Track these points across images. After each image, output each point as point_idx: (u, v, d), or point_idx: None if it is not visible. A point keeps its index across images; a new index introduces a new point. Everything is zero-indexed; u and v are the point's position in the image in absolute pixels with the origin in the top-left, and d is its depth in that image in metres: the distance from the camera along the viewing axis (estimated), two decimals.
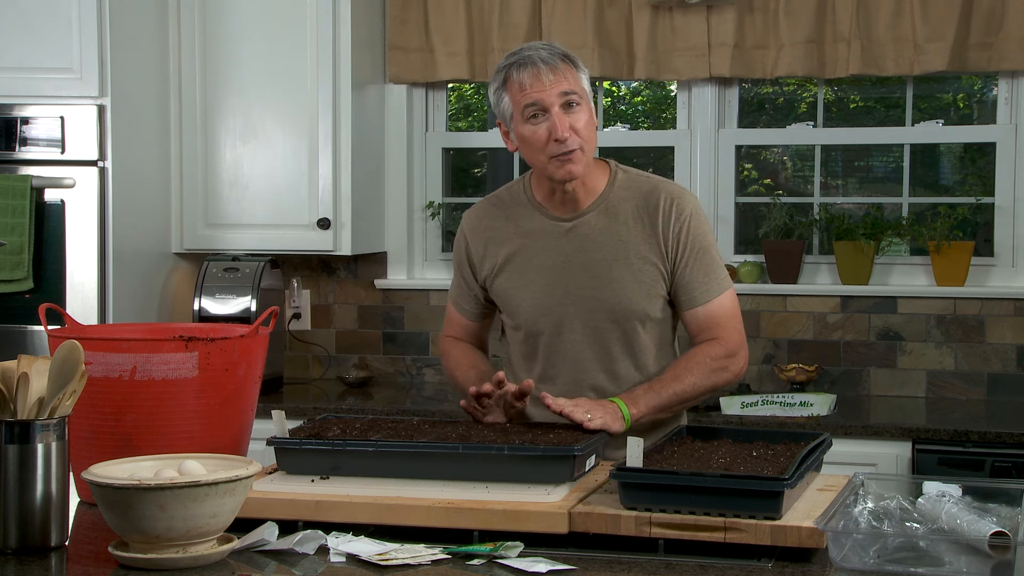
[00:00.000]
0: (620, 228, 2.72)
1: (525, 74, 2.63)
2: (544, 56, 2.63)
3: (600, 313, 2.72)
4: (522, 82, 2.63)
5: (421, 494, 2.22)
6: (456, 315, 2.94)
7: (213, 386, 2.41)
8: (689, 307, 2.73)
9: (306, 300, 4.74)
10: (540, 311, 2.75)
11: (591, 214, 2.73)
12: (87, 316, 4.00)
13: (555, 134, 2.62)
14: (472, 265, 2.85)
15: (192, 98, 4.42)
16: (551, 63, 2.62)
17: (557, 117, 2.61)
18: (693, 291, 2.72)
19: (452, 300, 2.94)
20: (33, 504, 2.10)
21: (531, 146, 2.66)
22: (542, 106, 2.62)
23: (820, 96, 4.50)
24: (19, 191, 4.01)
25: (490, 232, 2.81)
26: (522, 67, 2.63)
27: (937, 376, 4.26)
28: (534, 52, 2.64)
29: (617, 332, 2.73)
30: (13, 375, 2.10)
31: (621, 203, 2.74)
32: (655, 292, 2.72)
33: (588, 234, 2.73)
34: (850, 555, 1.99)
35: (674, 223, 2.71)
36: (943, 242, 4.20)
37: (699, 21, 4.34)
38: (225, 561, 2.03)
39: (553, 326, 2.74)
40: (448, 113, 4.78)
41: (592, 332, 2.73)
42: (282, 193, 4.41)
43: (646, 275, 2.71)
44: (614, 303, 2.71)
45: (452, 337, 2.96)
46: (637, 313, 2.72)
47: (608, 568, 2.03)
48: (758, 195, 4.65)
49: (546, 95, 2.61)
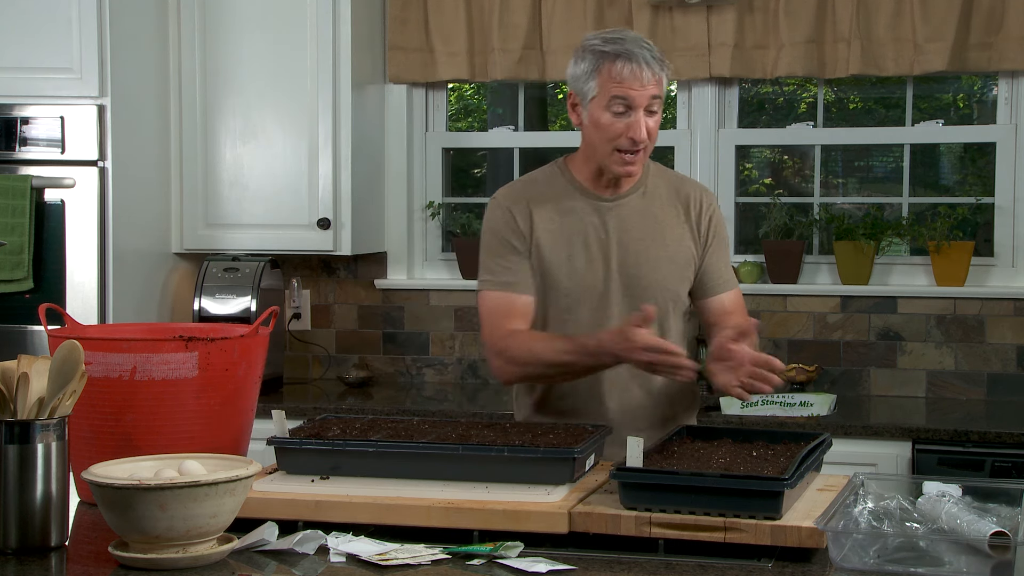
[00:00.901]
0: (657, 211, 2.81)
1: (626, 68, 2.65)
2: (647, 57, 2.66)
3: (639, 290, 2.77)
4: (621, 74, 2.65)
5: (421, 494, 2.22)
6: (514, 300, 2.75)
7: (213, 386, 2.42)
8: (712, 293, 2.84)
9: (306, 300, 4.74)
10: (578, 285, 2.77)
11: (632, 196, 2.81)
12: (87, 316, 4.00)
13: (633, 134, 2.68)
14: (520, 228, 2.77)
15: (192, 98, 4.42)
16: (652, 66, 2.67)
17: (640, 119, 2.67)
18: (721, 275, 2.84)
19: (503, 287, 2.76)
20: (33, 504, 2.10)
21: (603, 133, 2.70)
22: (630, 104, 2.66)
23: (820, 96, 4.50)
24: (19, 191, 4.01)
25: (531, 204, 2.80)
26: (625, 60, 2.66)
27: (937, 376, 4.26)
28: (638, 49, 2.66)
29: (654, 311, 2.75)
30: (13, 375, 2.10)
31: (658, 188, 2.84)
32: (686, 275, 2.82)
33: (629, 215, 2.80)
34: (850, 555, 1.99)
35: (704, 211, 2.84)
36: (943, 242, 4.20)
37: (699, 21, 4.34)
38: (225, 561, 2.03)
39: (596, 300, 2.77)
40: (448, 113, 4.78)
41: (632, 310, 2.72)
42: (282, 193, 4.41)
43: (680, 257, 2.80)
44: (652, 280, 2.77)
45: (512, 331, 2.74)
46: (671, 293, 2.80)
47: (608, 568, 2.03)
48: (758, 195, 4.65)
49: (638, 95, 2.66)
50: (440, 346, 4.65)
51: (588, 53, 2.71)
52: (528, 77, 4.50)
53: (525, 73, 4.49)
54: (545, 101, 5.03)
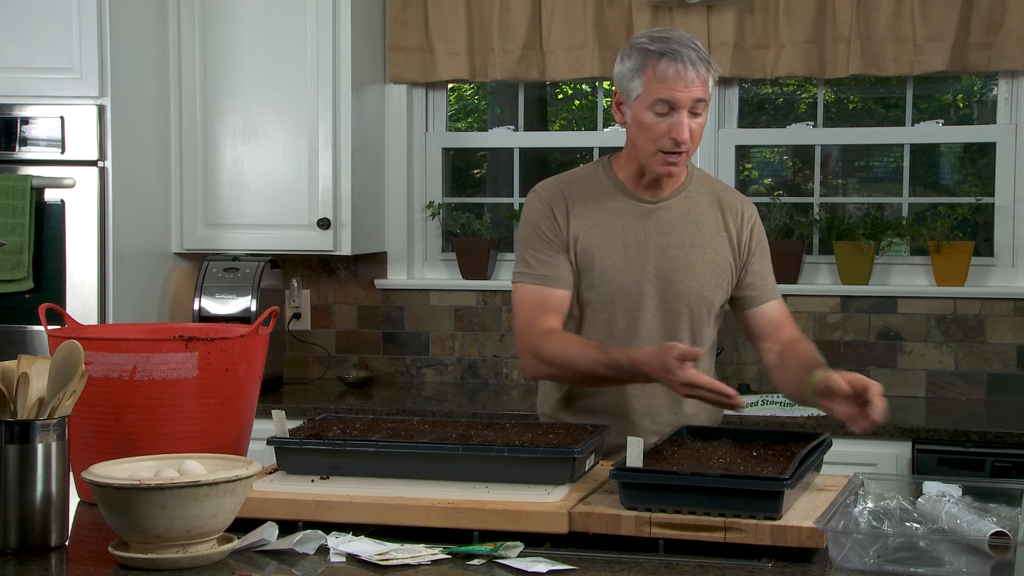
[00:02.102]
0: (698, 217, 2.79)
1: (671, 68, 2.64)
2: (693, 58, 2.65)
3: (673, 295, 2.75)
4: (665, 74, 2.64)
5: (421, 494, 2.22)
6: (549, 294, 2.73)
7: (213, 386, 2.41)
8: (764, 300, 2.82)
9: (306, 300, 4.74)
10: (615, 286, 2.75)
11: (673, 200, 2.80)
12: (87, 316, 4.00)
13: (676, 135, 2.67)
14: (558, 223, 2.76)
15: (192, 98, 4.42)
16: (697, 67, 2.65)
17: (683, 120, 2.66)
18: (767, 284, 2.83)
19: (539, 280, 2.74)
20: (33, 504, 2.10)
21: (646, 133, 2.70)
22: (674, 104, 2.66)
23: (820, 96, 4.50)
24: (19, 191, 4.01)
25: (570, 199, 2.78)
26: (670, 59, 2.64)
27: (937, 376, 4.26)
28: (684, 49, 2.65)
29: (687, 317, 2.76)
30: (13, 375, 2.10)
31: (699, 195, 2.82)
32: (723, 284, 2.79)
33: (669, 219, 2.78)
34: (850, 555, 1.99)
35: (745, 221, 2.82)
36: (943, 242, 4.20)
37: (699, 21, 4.34)
38: (225, 561, 2.03)
39: (630, 302, 2.75)
40: (448, 113, 4.78)
41: (665, 315, 2.75)
42: (282, 193, 4.41)
43: (718, 264, 2.78)
44: (688, 287, 2.75)
45: (547, 330, 2.70)
46: (706, 301, 2.77)
47: (608, 568, 2.03)
48: (758, 195, 4.65)
49: (682, 96, 2.65)
50: (440, 346, 4.65)
51: (634, 51, 2.70)
52: (528, 77, 4.50)
53: (525, 73, 4.49)
54: (545, 101, 5.03)
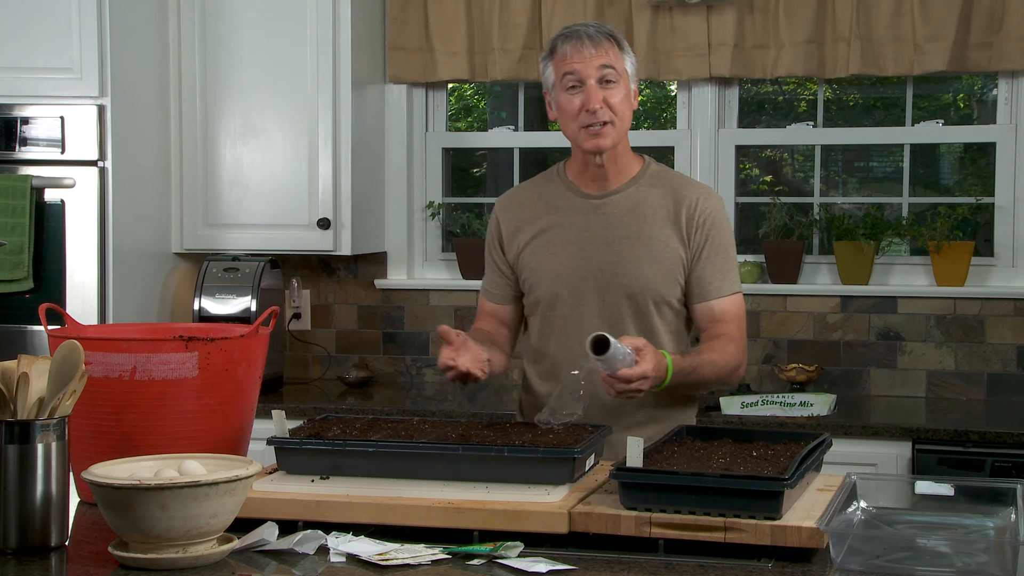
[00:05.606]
0: (646, 211, 2.81)
1: (569, 45, 2.75)
2: (590, 32, 2.76)
3: (617, 290, 2.78)
4: (565, 52, 2.75)
5: (421, 494, 2.22)
6: (485, 304, 2.96)
7: (213, 386, 2.42)
8: (701, 300, 2.80)
9: (306, 300, 4.74)
10: (560, 282, 2.81)
11: (620, 194, 2.82)
12: (87, 316, 4.00)
13: (587, 105, 2.72)
14: (502, 244, 2.91)
15: (192, 98, 4.42)
16: (595, 39, 2.74)
17: (592, 90, 2.72)
18: (708, 284, 2.79)
19: (482, 291, 2.98)
20: (33, 504, 2.10)
21: (565, 115, 2.78)
22: (579, 77, 2.73)
23: (820, 96, 4.50)
24: (19, 191, 4.01)
25: (522, 211, 2.89)
26: (567, 39, 2.76)
27: (937, 376, 4.26)
28: (582, 28, 2.78)
29: (631, 311, 2.78)
30: (13, 375, 2.10)
31: (651, 189, 2.83)
32: (673, 277, 2.79)
33: (615, 213, 2.81)
34: (850, 555, 1.99)
35: (698, 215, 2.80)
36: (943, 242, 4.20)
37: (699, 21, 4.34)
38: (225, 561, 2.03)
39: (571, 298, 2.80)
40: (448, 113, 4.78)
41: (608, 308, 2.78)
42: (282, 193, 4.41)
43: (666, 258, 2.78)
44: (631, 280, 2.77)
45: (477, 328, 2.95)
46: (652, 293, 2.77)
47: (608, 568, 2.03)
48: (758, 195, 4.65)
49: (584, 67, 2.73)
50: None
51: (547, 46, 2.83)
52: (528, 77, 4.50)
53: (525, 73, 4.49)
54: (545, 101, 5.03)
